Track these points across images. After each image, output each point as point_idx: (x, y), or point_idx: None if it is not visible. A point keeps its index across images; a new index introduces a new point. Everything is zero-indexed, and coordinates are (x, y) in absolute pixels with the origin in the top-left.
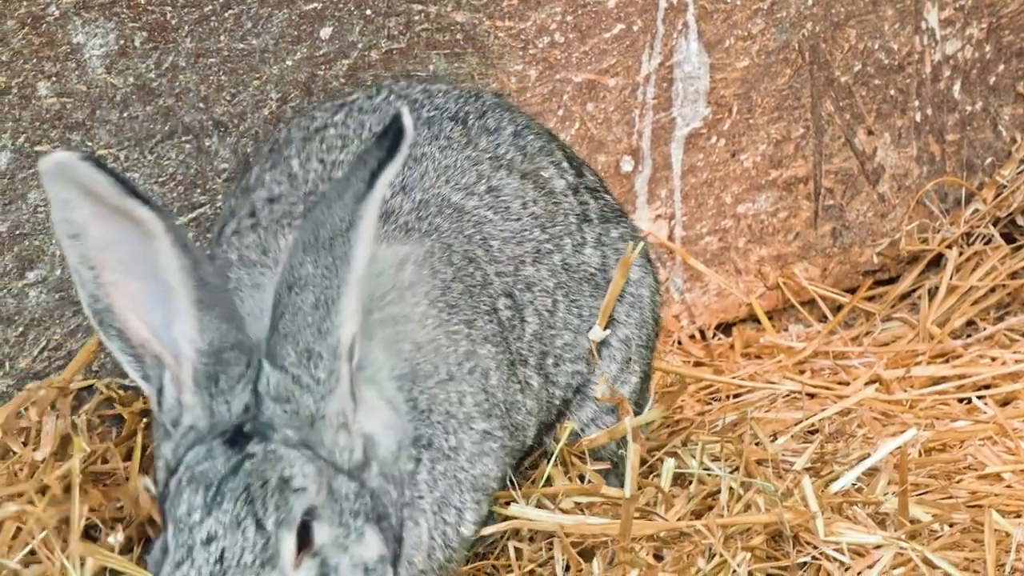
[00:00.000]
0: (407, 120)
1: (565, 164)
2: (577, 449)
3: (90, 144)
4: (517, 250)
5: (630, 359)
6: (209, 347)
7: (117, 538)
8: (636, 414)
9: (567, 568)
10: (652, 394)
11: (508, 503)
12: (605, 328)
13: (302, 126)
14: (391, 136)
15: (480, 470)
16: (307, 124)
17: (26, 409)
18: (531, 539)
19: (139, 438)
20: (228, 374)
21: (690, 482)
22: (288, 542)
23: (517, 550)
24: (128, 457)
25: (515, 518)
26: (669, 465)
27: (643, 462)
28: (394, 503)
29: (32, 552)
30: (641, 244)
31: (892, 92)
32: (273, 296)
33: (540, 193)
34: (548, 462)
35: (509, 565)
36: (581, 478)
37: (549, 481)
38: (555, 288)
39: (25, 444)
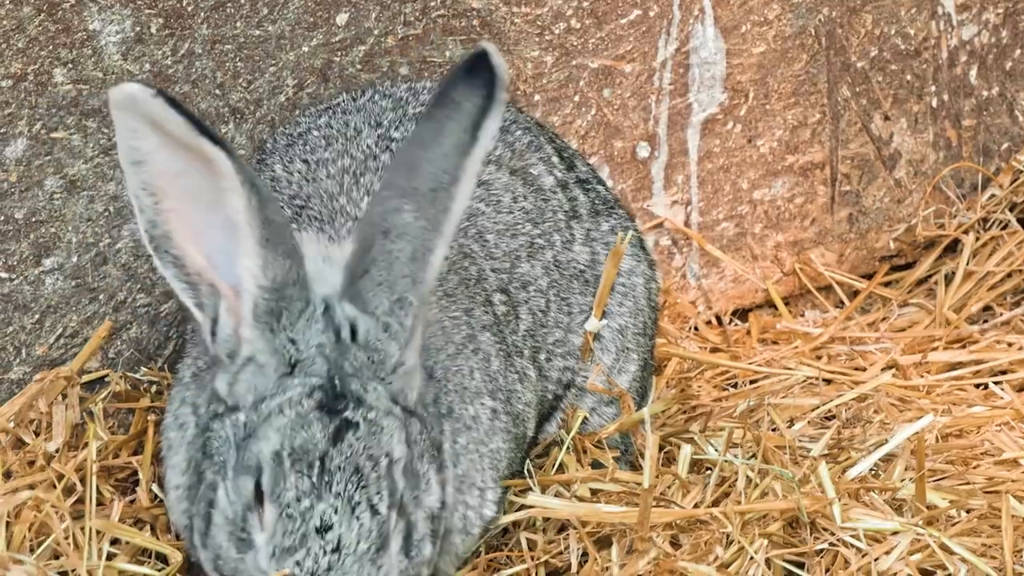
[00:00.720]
0: (496, 59)
1: (555, 159)
2: (591, 439)
3: (106, 131)
4: (512, 244)
5: (626, 348)
6: (272, 283)
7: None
8: (638, 402)
9: (583, 555)
10: (654, 380)
11: (524, 491)
12: (600, 319)
13: (286, 133)
14: (484, 80)
15: (495, 445)
16: (291, 131)
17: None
18: (544, 529)
19: (150, 432)
20: (290, 310)
21: (707, 468)
22: (394, 518)
23: (530, 541)
24: (137, 452)
25: (532, 507)
26: (686, 452)
27: (659, 448)
28: (437, 431)
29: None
30: (631, 234)
31: (908, 77)
32: (359, 238)
33: (529, 189)
34: (561, 450)
35: (524, 556)
36: (593, 465)
37: (561, 469)
38: (548, 287)
39: (37, 434)
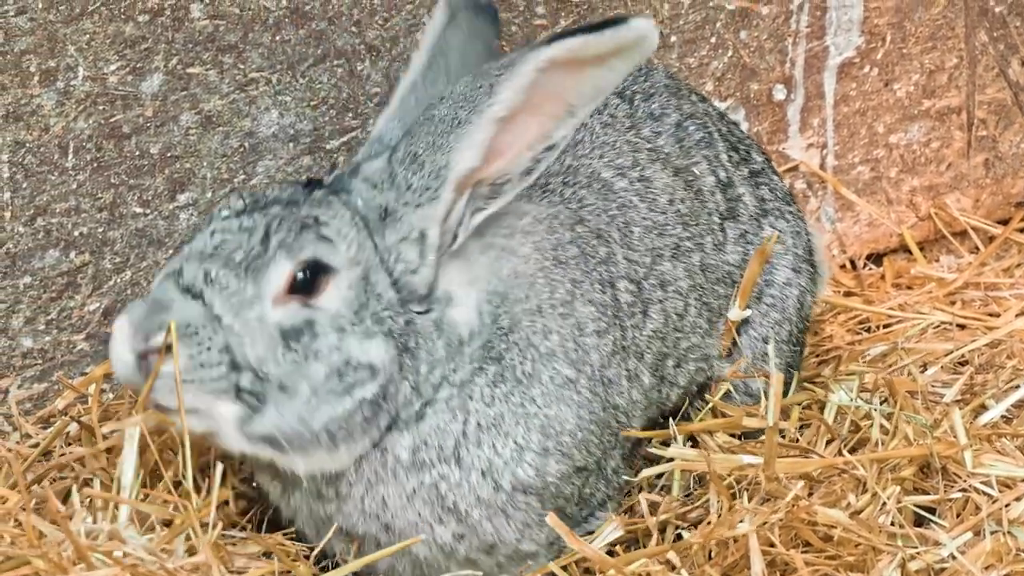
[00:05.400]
0: (639, 22)
1: (723, 157)
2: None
3: (242, 67)
4: (657, 242)
5: (765, 353)
6: (379, 136)
7: None
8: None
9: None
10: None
11: (664, 443)
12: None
13: None
14: (609, 22)
15: (554, 413)
16: None
17: None
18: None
19: None
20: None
21: (842, 414)
22: (282, 268)
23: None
24: None
25: (666, 459)
26: (834, 400)
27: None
28: (433, 361)
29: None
30: (791, 239)
31: None
32: None
33: (689, 192)
34: (701, 412)
35: (658, 504)
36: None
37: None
38: (689, 290)
39: None
